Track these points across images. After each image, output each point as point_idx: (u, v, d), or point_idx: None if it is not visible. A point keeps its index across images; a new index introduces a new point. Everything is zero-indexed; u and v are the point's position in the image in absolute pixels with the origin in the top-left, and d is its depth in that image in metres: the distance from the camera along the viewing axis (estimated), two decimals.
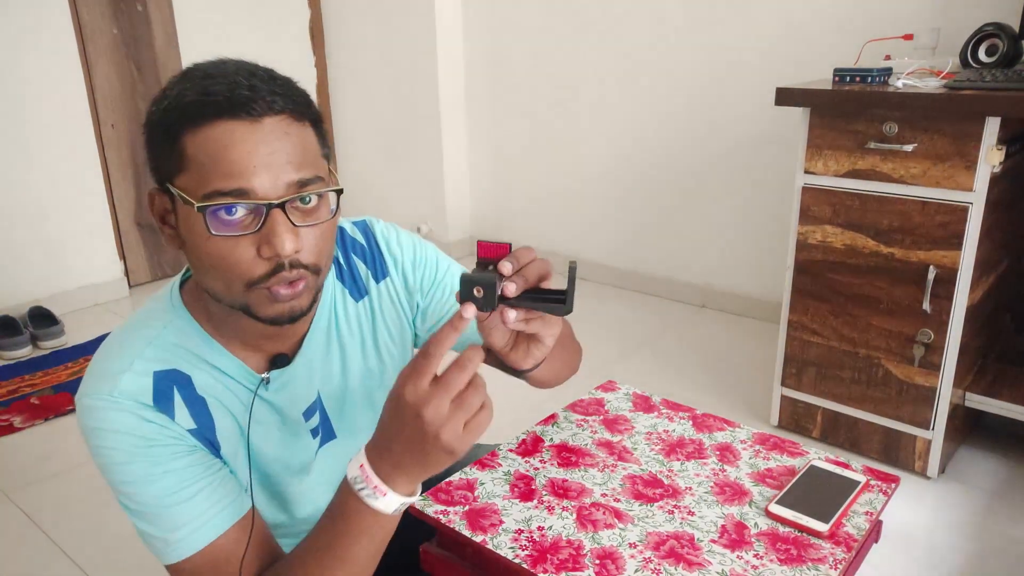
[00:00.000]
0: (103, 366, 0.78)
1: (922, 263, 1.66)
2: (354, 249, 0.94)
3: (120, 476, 0.76)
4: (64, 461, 1.99)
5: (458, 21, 3.30)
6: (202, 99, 0.68)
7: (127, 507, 0.78)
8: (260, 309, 0.73)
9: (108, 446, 0.75)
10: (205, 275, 0.73)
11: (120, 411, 0.75)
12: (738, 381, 2.30)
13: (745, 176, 2.67)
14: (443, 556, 0.84)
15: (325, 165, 0.76)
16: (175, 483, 0.76)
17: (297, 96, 0.73)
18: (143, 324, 0.81)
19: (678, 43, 2.71)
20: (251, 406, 0.83)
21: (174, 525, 0.76)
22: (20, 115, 2.74)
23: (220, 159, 0.68)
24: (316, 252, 0.73)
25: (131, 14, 3.00)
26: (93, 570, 1.60)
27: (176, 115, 0.69)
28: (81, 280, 3.01)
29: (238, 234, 0.69)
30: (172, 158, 0.70)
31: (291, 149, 0.70)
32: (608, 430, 0.99)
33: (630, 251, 3.07)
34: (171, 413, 0.77)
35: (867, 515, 0.82)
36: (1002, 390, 1.82)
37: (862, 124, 1.69)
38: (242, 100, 0.68)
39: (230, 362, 0.82)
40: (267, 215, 0.69)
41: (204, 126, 0.68)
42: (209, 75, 0.70)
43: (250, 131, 0.68)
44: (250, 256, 0.70)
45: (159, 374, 0.77)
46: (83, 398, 0.77)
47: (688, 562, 0.75)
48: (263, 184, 0.69)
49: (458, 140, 3.46)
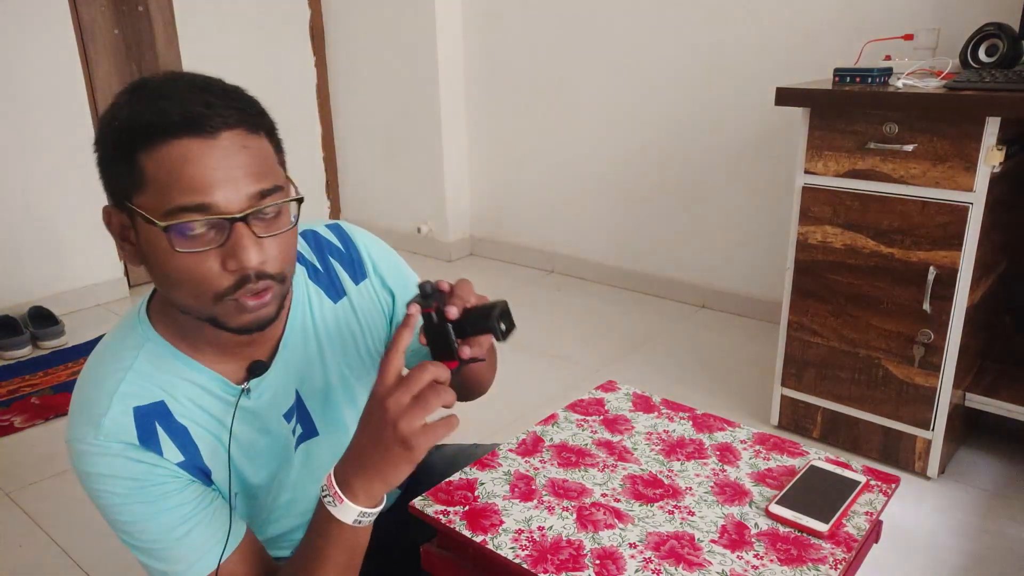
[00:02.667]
0: (84, 407, 0.78)
1: (922, 263, 1.66)
2: (331, 251, 0.94)
3: (118, 516, 0.78)
4: (65, 461, 1.99)
5: (458, 21, 3.30)
6: (156, 119, 0.68)
7: (128, 543, 0.80)
8: (228, 319, 0.74)
9: (103, 489, 0.77)
10: (172, 290, 0.74)
11: (109, 456, 0.76)
12: (738, 381, 2.30)
13: (745, 176, 2.67)
14: (444, 556, 0.84)
15: (282, 173, 0.76)
16: (172, 520, 0.77)
17: (250, 108, 0.73)
18: (115, 356, 0.80)
19: (678, 43, 2.71)
20: (232, 417, 0.83)
21: (174, 559, 0.78)
22: (21, 115, 2.74)
23: (180, 176, 0.68)
24: (280, 261, 0.74)
25: (132, 15, 3.01)
26: (93, 570, 1.60)
27: (130, 135, 0.69)
28: (81, 280, 3.01)
29: (203, 249, 0.70)
30: (129, 177, 0.70)
31: (249, 161, 0.70)
32: (608, 430, 0.99)
33: (630, 251, 3.07)
34: (158, 449, 0.78)
35: (867, 515, 0.82)
36: (1002, 390, 1.82)
37: (862, 124, 1.69)
38: (197, 117, 0.68)
39: (207, 377, 0.82)
40: (231, 229, 0.69)
41: (161, 145, 0.68)
42: (162, 94, 0.70)
43: (207, 147, 0.68)
44: (216, 270, 0.71)
45: (139, 410, 0.77)
46: (72, 442, 0.77)
47: (688, 562, 0.75)
48: (225, 198, 0.69)
49: (458, 140, 3.46)
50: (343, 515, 0.72)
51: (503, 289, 3.08)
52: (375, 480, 0.71)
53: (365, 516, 0.73)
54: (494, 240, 3.54)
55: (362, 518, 0.73)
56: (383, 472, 0.71)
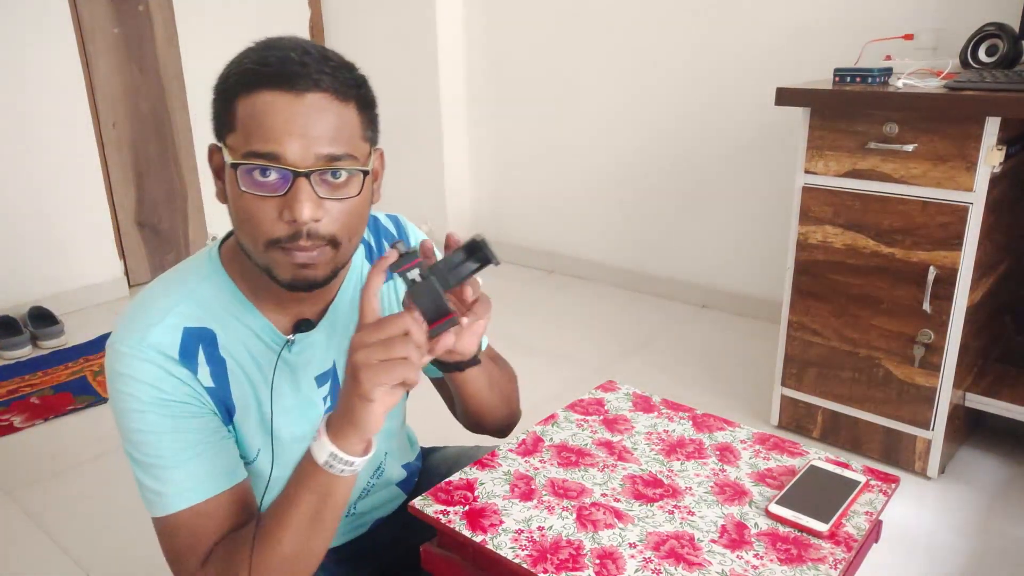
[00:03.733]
0: (138, 315, 0.82)
1: (922, 263, 1.66)
2: (386, 235, 1.00)
3: (132, 424, 0.79)
4: (64, 461, 1.99)
5: (459, 21, 3.30)
6: (256, 68, 0.74)
7: (131, 455, 0.81)
8: (278, 271, 0.77)
9: (128, 392, 0.79)
10: (238, 229, 0.79)
11: (145, 361, 0.78)
12: (738, 381, 2.30)
13: (746, 176, 2.67)
14: (444, 556, 0.84)
15: (364, 148, 0.79)
16: (181, 442, 0.79)
17: (345, 78, 0.77)
18: (182, 279, 0.85)
19: (679, 42, 2.71)
20: (275, 364, 0.86)
21: (168, 480, 0.79)
22: (21, 115, 2.74)
23: (261, 123, 0.73)
24: (336, 225, 0.77)
25: (132, 14, 3.00)
26: (93, 570, 1.60)
27: (235, 80, 0.75)
28: (81, 280, 3.01)
29: (265, 195, 0.74)
30: (226, 117, 0.76)
31: (327, 125, 0.74)
32: (608, 430, 0.99)
33: (631, 251, 3.07)
34: (194, 369, 0.81)
35: (867, 515, 0.82)
36: (1002, 390, 1.82)
37: (862, 124, 1.69)
38: (289, 74, 0.73)
39: (259, 321, 0.86)
40: (293, 182, 0.73)
41: (254, 93, 0.74)
42: (269, 46, 0.76)
43: (291, 103, 0.73)
44: (272, 217, 0.75)
45: (188, 330, 0.81)
46: (114, 343, 0.80)
47: (688, 562, 0.75)
48: (294, 152, 0.73)
49: (458, 140, 3.45)
50: (317, 451, 0.73)
51: (503, 289, 3.08)
52: (344, 420, 0.71)
53: (336, 460, 0.72)
54: (494, 240, 3.51)
55: (333, 461, 0.72)
56: (346, 410, 0.71)
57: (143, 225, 3.19)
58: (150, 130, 3.13)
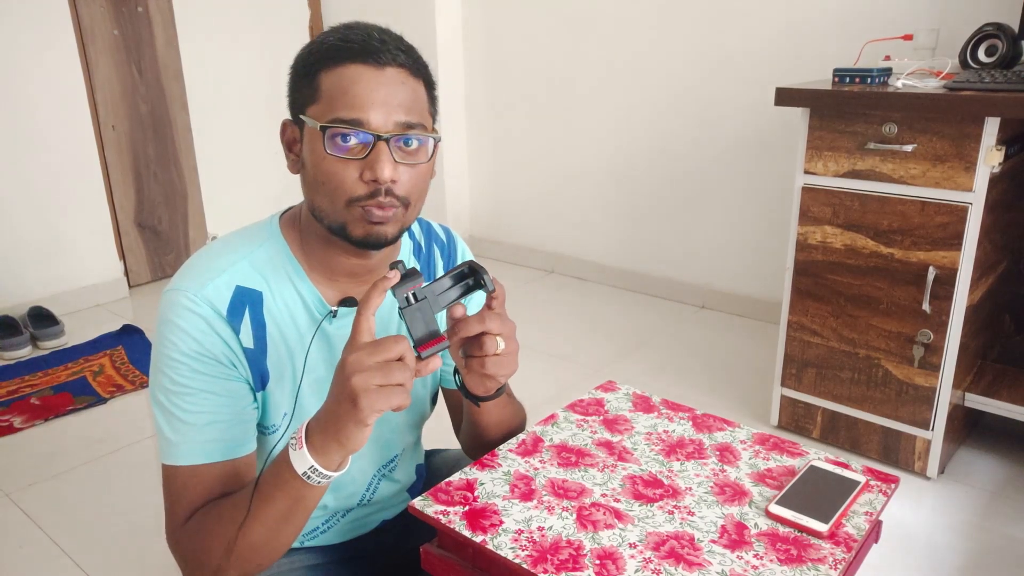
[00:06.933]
0: (201, 267, 0.86)
1: (922, 263, 1.66)
2: (435, 240, 1.06)
3: (167, 369, 0.83)
4: (64, 462, 1.99)
5: (458, 21, 3.31)
6: (341, 44, 0.81)
7: (156, 399, 0.84)
8: (354, 228, 0.83)
9: (172, 339, 0.83)
10: (315, 192, 0.84)
11: (195, 314, 0.83)
12: (738, 381, 2.30)
13: (745, 176, 2.67)
14: (443, 556, 0.84)
15: (430, 120, 0.87)
16: (202, 404, 0.83)
17: (417, 58, 0.86)
18: (244, 241, 0.90)
19: (678, 43, 2.71)
20: (315, 332, 0.90)
21: (183, 434, 0.83)
22: (21, 116, 2.74)
23: (346, 92, 0.80)
24: (409, 187, 0.83)
25: (131, 15, 3.01)
26: (93, 570, 1.60)
27: (318, 56, 0.82)
28: (81, 280, 3.01)
29: (348, 158, 0.81)
30: (309, 90, 0.82)
31: (404, 96, 0.82)
32: (608, 430, 0.99)
33: (630, 251, 3.07)
34: (237, 329, 0.85)
35: (867, 515, 0.82)
36: (1001, 390, 1.82)
37: (862, 124, 1.69)
38: (373, 49, 0.81)
39: (308, 290, 0.90)
40: (374, 145, 0.80)
41: (339, 66, 0.81)
42: (350, 27, 0.84)
43: (374, 75, 0.80)
44: (354, 177, 0.81)
45: (240, 289, 0.86)
46: (170, 291, 0.85)
47: (688, 562, 0.75)
48: (376, 119, 0.80)
49: (458, 140, 3.46)
50: (297, 462, 0.73)
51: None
52: (329, 436, 0.72)
53: (315, 472, 0.73)
54: (494, 240, 3.54)
55: (311, 473, 0.73)
56: (334, 429, 0.71)
57: (143, 225, 3.19)
58: (150, 131, 3.14)
